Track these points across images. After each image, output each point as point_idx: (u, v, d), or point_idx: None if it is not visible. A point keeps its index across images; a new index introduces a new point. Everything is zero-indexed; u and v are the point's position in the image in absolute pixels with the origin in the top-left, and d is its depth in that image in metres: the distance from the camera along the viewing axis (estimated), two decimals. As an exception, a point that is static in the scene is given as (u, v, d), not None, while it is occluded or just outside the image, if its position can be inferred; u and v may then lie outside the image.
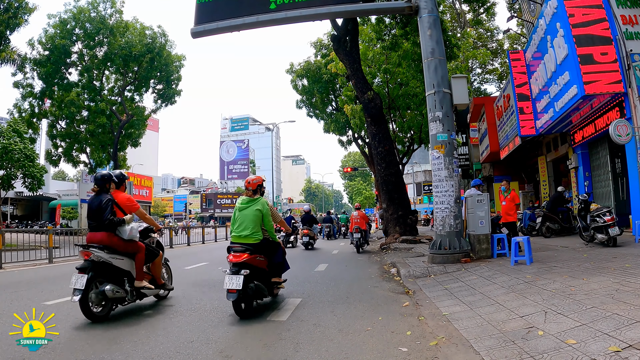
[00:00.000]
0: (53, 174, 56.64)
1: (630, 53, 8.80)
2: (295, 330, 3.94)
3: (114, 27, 22.70)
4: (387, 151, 13.64)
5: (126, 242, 4.61)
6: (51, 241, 11.29)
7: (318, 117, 25.97)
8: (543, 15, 10.78)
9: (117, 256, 4.54)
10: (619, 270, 5.13)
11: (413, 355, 3.15)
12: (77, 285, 4.15)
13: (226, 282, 4.32)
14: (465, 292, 5.04)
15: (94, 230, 4.54)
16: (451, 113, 8.08)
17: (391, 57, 18.24)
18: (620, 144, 8.19)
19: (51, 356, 3.29)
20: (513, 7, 22.12)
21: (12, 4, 17.88)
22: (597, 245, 8.10)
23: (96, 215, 4.51)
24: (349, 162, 68.47)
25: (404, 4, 8.67)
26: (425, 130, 19.32)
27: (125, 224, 4.59)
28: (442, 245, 7.63)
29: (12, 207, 34.00)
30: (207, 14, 9.09)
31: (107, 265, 4.46)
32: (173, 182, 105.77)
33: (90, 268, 4.31)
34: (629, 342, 2.68)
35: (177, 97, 26.06)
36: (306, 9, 8.70)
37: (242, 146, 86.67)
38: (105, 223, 4.45)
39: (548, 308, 3.74)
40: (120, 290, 4.46)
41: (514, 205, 9.29)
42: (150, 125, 37.47)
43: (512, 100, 13.88)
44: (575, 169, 12.82)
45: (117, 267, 4.54)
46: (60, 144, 24.33)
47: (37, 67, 21.98)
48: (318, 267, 8.79)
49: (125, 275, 4.62)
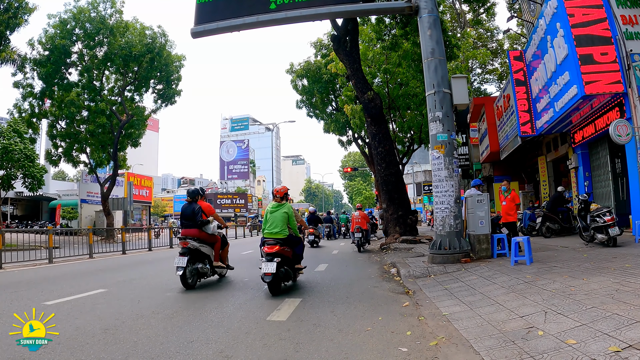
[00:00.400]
0: (53, 174, 56.63)
1: (630, 53, 8.80)
2: (295, 330, 3.94)
3: (114, 27, 22.68)
4: (387, 151, 13.64)
5: (209, 235, 6.68)
6: (51, 241, 11.29)
7: (318, 117, 25.97)
8: (543, 15, 10.78)
9: (203, 245, 6.54)
10: (619, 270, 5.13)
11: (413, 355, 3.15)
12: (179, 264, 6.02)
13: (263, 268, 5.58)
14: (465, 292, 5.04)
15: (188, 228, 6.55)
16: (451, 113, 8.08)
17: (391, 57, 18.24)
18: (620, 144, 8.19)
19: (51, 356, 3.29)
20: (513, 7, 22.13)
21: (12, 4, 17.86)
22: (597, 245, 8.10)
23: (190, 217, 6.55)
24: (349, 162, 68.45)
25: (404, 4, 8.67)
26: (425, 130, 19.32)
27: (209, 223, 6.67)
28: (442, 245, 7.63)
29: (12, 207, 33.99)
30: (207, 14, 9.09)
31: (197, 251, 6.42)
32: (173, 182, 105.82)
33: (187, 253, 6.22)
34: (629, 342, 2.68)
35: (177, 97, 26.02)
36: (306, 9, 8.70)
37: (242, 146, 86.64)
38: (198, 223, 6.51)
39: (548, 308, 3.74)
40: (205, 267, 6.48)
41: (515, 205, 9.30)
42: (150, 125, 37.45)
43: (512, 100, 13.87)
44: (575, 169, 12.82)
45: (203, 252, 6.53)
46: (60, 144, 24.31)
47: (37, 67, 21.94)
48: (318, 267, 8.78)
49: (207, 258, 6.62)
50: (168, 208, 68.15)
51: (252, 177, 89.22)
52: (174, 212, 65.97)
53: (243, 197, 65.78)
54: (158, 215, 59.14)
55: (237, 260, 10.74)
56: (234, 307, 4.99)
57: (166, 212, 65.69)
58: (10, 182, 18.69)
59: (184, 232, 6.53)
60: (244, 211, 62.25)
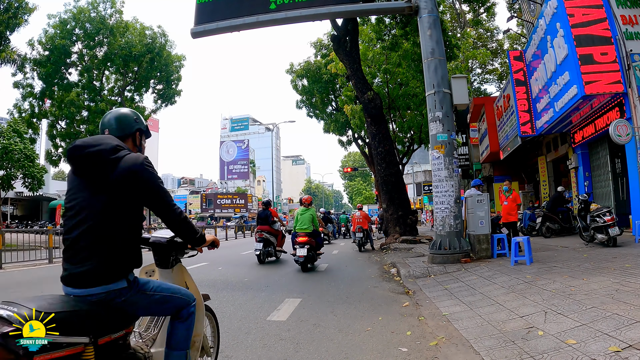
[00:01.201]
0: (53, 174, 56.61)
1: (630, 53, 8.80)
2: (295, 330, 3.94)
3: (114, 27, 22.69)
4: (387, 151, 13.64)
5: (275, 230, 10.07)
6: (51, 241, 11.28)
7: (318, 117, 25.97)
8: (543, 15, 10.78)
9: (271, 236, 9.87)
10: (619, 270, 5.12)
11: (413, 355, 3.15)
12: (257, 247, 9.56)
13: (297, 252, 8.16)
14: (465, 292, 5.04)
15: (262, 225, 9.90)
16: (451, 113, 8.08)
17: (391, 57, 18.24)
18: (620, 144, 8.19)
19: (51, 356, 3.29)
20: (513, 7, 22.14)
21: (12, 4, 17.86)
22: (597, 245, 8.09)
23: (264, 219, 10.00)
24: (349, 162, 68.48)
25: (404, 4, 8.67)
26: (425, 130, 19.32)
27: (275, 223, 10.10)
28: (442, 246, 7.63)
29: (12, 207, 34.00)
30: (207, 14, 9.10)
31: (268, 240, 9.76)
32: (173, 182, 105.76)
33: (262, 241, 9.65)
34: (629, 342, 2.68)
35: (177, 97, 26.05)
36: (306, 9, 8.70)
37: (242, 146, 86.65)
38: (269, 222, 9.95)
39: (548, 308, 3.74)
40: (272, 250, 9.92)
41: (516, 205, 9.29)
42: (150, 125, 37.33)
43: (512, 100, 13.87)
44: (575, 169, 12.82)
45: (271, 241, 9.86)
46: (60, 144, 24.30)
47: (37, 67, 21.96)
48: (318, 267, 8.79)
49: (272, 245, 9.93)
50: (168, 208, 67.96)
51: (252, 177, 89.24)
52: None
53: (243, 197, 65.79)
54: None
55: (236, 261, 10.75)
56: (234, 307, 4.99)
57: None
58: (10, 182, 18.70)
59: (260, 228, 9.86)
60: (244, 211, 62.26)
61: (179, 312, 2.02)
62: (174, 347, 2.01)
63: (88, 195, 1.74)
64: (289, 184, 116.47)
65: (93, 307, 1.64)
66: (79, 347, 1.52)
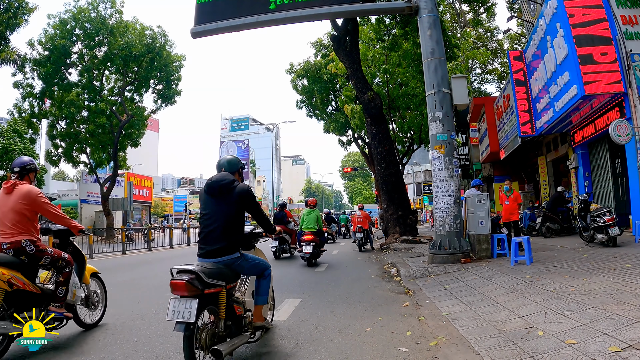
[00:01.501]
0: (53, 174, 56.60)
1: (630, 53, 8.80)
2: (295, 330, 3.94)
3: (114, 27, 22.67)
4: (387, 151, 13.64)
5: (290, 229, 11.04)
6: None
7: (318, 117, 25.97)
8: (543, 15, 10.78)
9: (286, 235, 10.78)
10: (619, 270, 5.13)
11: (413, 355, 3.15)
12: (274, 244, 10.59)
13: (304, 248, 9.06)
14: (465, 292, 5.04)
15: (278, 224, 10.54)
16: (451, 113, 8.07)
17: (391, 57, 18.24)
18: (620, 144, 8.19)
19: (51, 356, 3.29)
20: (513, 7, 22.13)
21: (12, 4, 17.87)
22: (597, 245, 8.09)
23: (280, 218, 11.01)
24: (349, 162, 68.41)
25: (404, 4, 8.67)
26: (425, 130, 19.31)
27: (290, 222, 11.17)
28: (442, 246, 7.63)
29: (12, 207, 33.92)
30: (207, 14, 9.09)
31: (283, 238, 10.66)
32: (173, 182, 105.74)
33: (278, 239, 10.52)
34: (629, 342, 2.68)
35: (177, 97, 26.03)
36: (306, 9, 8.69)
37: (242, 146, 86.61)
38: (285, 222, 10.93)
39: (548, 308, 3.74)
40: (286, 247, 10.83)
41: (517, 205, 9.28)
42: (150, 126, 37.42)
43: (512, 100, 13.87)
44: (575, 169, 12.82)
45: (286, 239, 10.80)
46: (60, 144, 24.31)
47: (37, 67, 21.94)
48: (318, 267, 8.79)
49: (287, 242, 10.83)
50: (168, 208, 67.98)
51: (252, 177, 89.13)
52: (174, 213, 65.99)
53: (243, 197, 65.56)
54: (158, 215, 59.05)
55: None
56: (234, 307, 4.97)
57: (166, 212, 65.59)
58: (10, 182, 18.66)
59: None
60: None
61: (263, 273, 3.37)
62: (261, 294, 3.35)
63: (217, 207, 3.10)
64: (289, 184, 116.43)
65: (223, 267, 2.98)
66: (220, 287, 2.87)
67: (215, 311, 2.86)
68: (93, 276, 4.35)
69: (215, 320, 2.84)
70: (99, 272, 4.46)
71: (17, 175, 3.62)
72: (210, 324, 2.79)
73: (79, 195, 32.11)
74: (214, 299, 2.85)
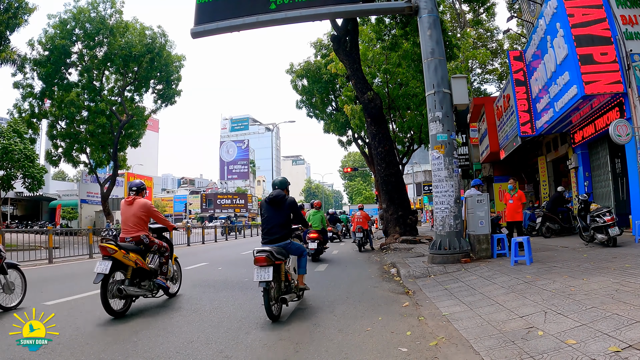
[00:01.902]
0: (53, 174, 56.62)
1: (630, 53, 8.79)
2: (295, 330, 3.94)
3: (114, 27, 22.69)
4: (387, 151, 13.64)
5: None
6: (51, 241, 11.29)
7: (318, 117, 25.97)
8: (543, 15, 10.77)
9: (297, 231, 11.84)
10: (619, 270, 5.13)
11: (413, 355, 3.15)
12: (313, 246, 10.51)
13: (309, 245, 9.86)
14: (465, 292, 5.04)
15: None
16: (451, 113, 8.07)
17: (391, 57, 18.23)
18: (620, 144, 8.18)
19: (51, 356, 3.29)
20: (513, 7, 22.14)
21: (12, 4, 17.87)
22: (597, 245, 8.09)
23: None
24: (349, 162, 68.43)
25: (404, 4, 8.67)
26: (425, 130, 19.31)
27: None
28: (442, 246, 7.62)
29: (12, 208, 33.95)
30: (207, 14, 9.08)
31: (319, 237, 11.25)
32: (173, 182, 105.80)
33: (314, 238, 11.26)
34: (629, 342, 2.68)
35: (177, 97, 26.05)
36: (306, 9, 8.69)
37: (242, 146, 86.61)
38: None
39: (548, 308, 3.74)
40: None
41: (521, 204, 9.26)
42: (150, 126, 37.46)
43: (512, 100, 13.86)
44: (575, 169, 12.81)
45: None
46: (60, 144, 24.32)
47: (37, 67, 21.96)
48: (318, 267, 8.79)
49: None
50: (168, 208, 68.01)
51: (252, 177, 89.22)
52: (174, 213, 66.03)
53: (243, 198, 65.77)
54: (158, 215, 58.87)
55: (236, 261, 10.76)
56: (234, 308, 4.99)
57: (166, 212, 65.55)
58: (10, 182, 18.69)
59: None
60: (244, 211, 62.23)
61: (302, 253, 4.99)
62: (301, 266, 4.99)
63: (275, 213, 4.75)
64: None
65: (282, 249, 4.57)
66: (282, 261, 4.51)
67: (278, 277, 4.44)
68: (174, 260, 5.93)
69: (278, 282, 4.46)
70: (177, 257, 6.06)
71: (135, 192, 5.28)
72: (276, 285, 4.39)
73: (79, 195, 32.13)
74: (278, 269, 4.44)
